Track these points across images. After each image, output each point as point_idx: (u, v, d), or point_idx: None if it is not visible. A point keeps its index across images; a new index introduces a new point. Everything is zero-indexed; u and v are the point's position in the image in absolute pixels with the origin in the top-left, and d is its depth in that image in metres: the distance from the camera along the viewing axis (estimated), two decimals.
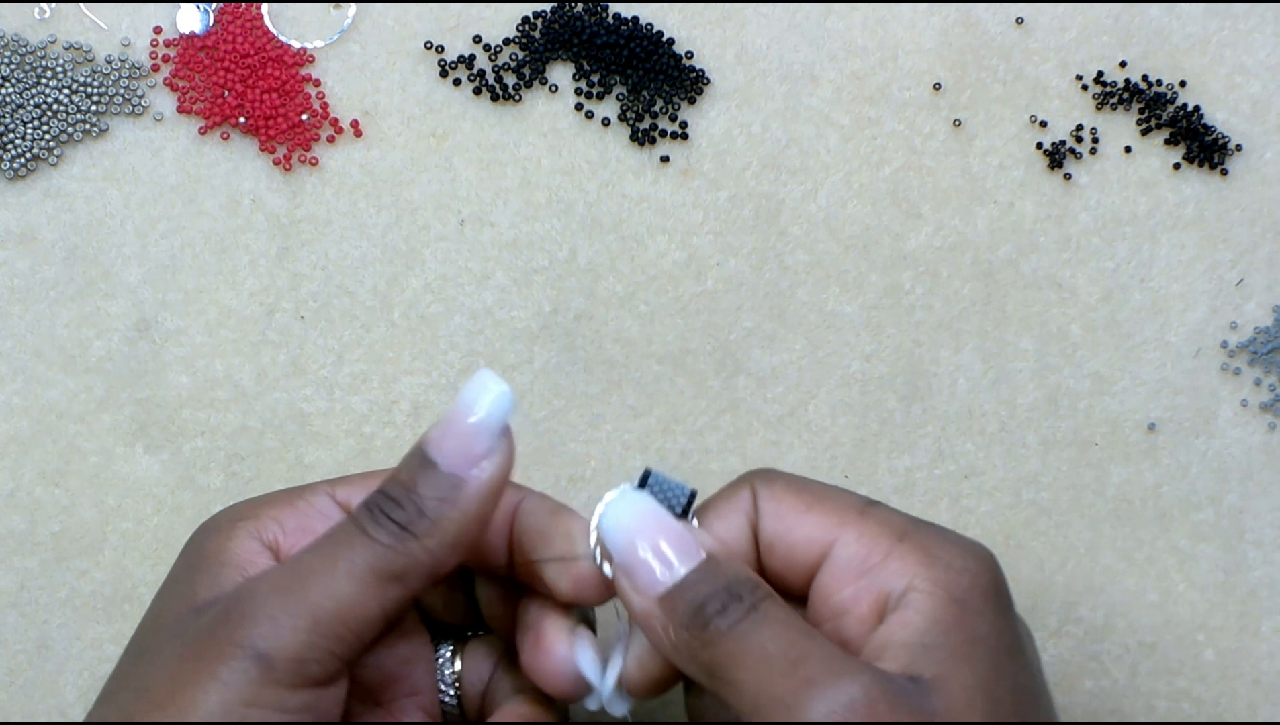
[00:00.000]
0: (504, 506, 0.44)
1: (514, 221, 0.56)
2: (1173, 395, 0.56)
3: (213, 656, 0.39)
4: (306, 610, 0.39)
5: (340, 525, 0.41)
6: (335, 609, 0.40)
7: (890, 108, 0.58)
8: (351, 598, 0.40)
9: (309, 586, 0.40)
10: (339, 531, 0.41)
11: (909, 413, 0.55)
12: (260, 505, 0.44)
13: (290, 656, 0.39)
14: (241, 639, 0.39)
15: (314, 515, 0.44)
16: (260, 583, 0.40)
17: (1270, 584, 0.54)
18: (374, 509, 0.41)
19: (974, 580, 0.41)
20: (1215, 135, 0.57)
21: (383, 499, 0.41)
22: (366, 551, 0.40)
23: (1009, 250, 0.57)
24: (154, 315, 0.55)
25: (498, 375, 0.42)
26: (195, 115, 0.57)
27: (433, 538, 0.41)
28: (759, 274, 0.56)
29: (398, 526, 0.41)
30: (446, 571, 0.42)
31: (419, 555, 0.41)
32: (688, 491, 0.43)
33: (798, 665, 0.39)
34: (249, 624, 0.39)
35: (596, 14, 0.58)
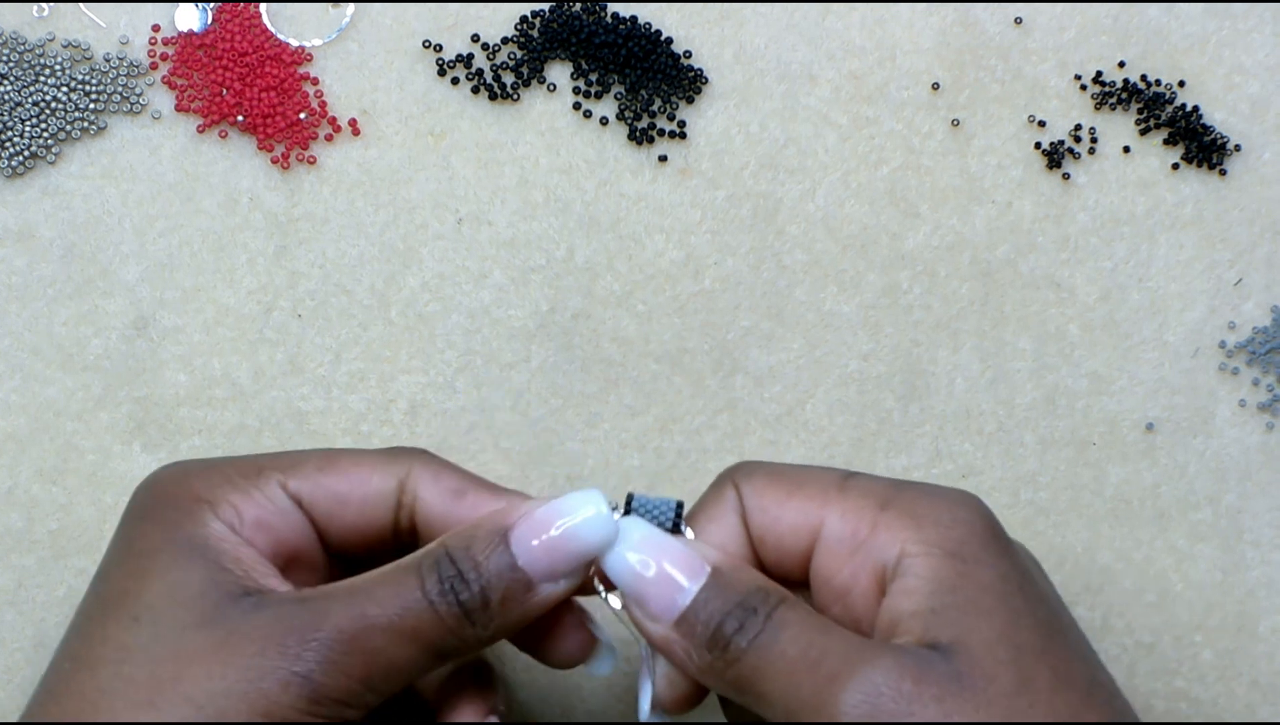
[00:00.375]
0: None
1: (512, 220, 0.56)
2: (1171, 395, 0.56)
3: (262, 669, 0.39)
4: (364, 665, 0.39)
5: (403, 579, 0.40)
6: (387, 669, 0.40)
7: (888, 107, 0.58)
8: (404, 662, 0.40)
9: (373, 641, 0.40)
10: (404, 588, 0.40)
11: (907, 412, 0.55)
12: (214, 484, 0.43)
13: (337, 699, 0.39)
14: (301, 669, 0.39)
15: (271, 511, 0.43)
16: (326, 619, 0.39)
17: (1268, 584, 0.54)
18: (443, 579, 0.40)
19: (967, 530, 0.40)
20: (1214, 135, 0.57)
21: (453, 574, 0.40)
22: (430, 624, 0.40)
23: (1007, 250, 0.57)
24: (152, 313, 0.55)
25: (607, 500, 0.41)
26: (193, 113, 0.57)
27: (488, 630, 0.41)
28: (757, 273, 0.56)
29: (462, 609, 0.40)
30: (470, 655, 0.42)
31: (470, 642, 0.41)
32: (673, 504, 0.43)
33: (819, 664, 0.38)
34: (312, 656, 0.39)
35: (595, 13, 0.58)
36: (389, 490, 0.44)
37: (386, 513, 0.44)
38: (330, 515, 0.44)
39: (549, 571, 0.41)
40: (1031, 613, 0.40)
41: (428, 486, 0.44)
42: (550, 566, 0.41)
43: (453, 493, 0.44)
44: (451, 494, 0.44)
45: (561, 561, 0.41)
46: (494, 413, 0.55)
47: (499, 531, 0.41)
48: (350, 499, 0.44)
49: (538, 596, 0.41)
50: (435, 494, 0.44)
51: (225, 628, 0.39)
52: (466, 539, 0.41)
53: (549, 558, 0.41)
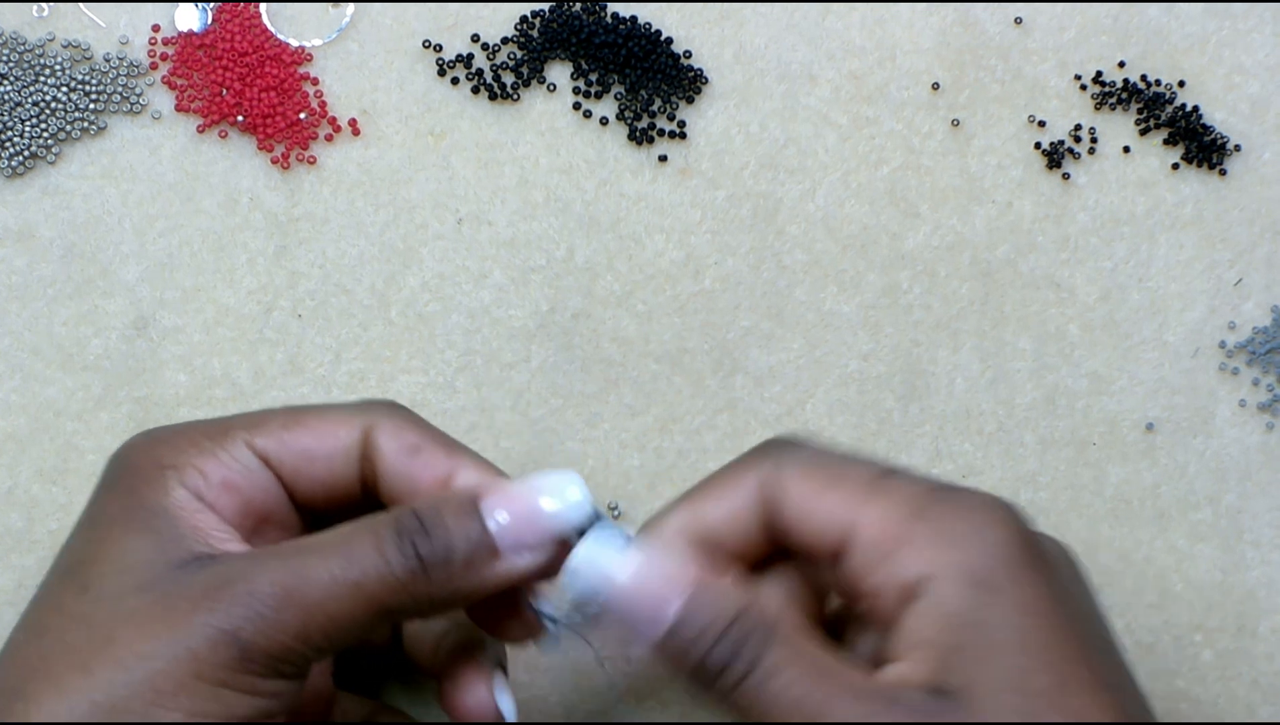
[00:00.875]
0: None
1: (511, 220, 0.56)
2: (1171, 395, 0.56)
3: (190, 629, 0.38)
4: (298, 617, 0.39)
5: (356, 533, 0.40)
6: (325, 625, 0.39)
7: (888, 107, 0.58)
8: (344, 618, 0.39)
9: (308, 594, 0.39)
10: (352, 541, 0.40)
11: (907, 412, 0.55)
12: (180, 449, 0.43)
13: (269, 655, 0.39)
14: (229, 625, 0.38)
15: (237, 469, 0.42)
16: (261, 574, 0.39)
17: (1268, 584, 0.54)
18: (401, 532, 0.40)
19: (995, 553, 0.39)
20: (1214, 135, 0.57)
21: (415, 525, 0.40)
22: (377, 577, 0.39)
23: (1007, 250, 0.57)
24: (152, 313, 0.55)
25: (584, 484, 0.41)
26: (193, 113, 0.57)
27: (443, 589, 0.40)
28: (757, 273, 0.56)
29: (420, 562, 0.40)
30: (421, 619, 0.42)
31: (421, 599, 0.40)
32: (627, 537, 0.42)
33: (821, 712, 0.37)
34: (241, 613, 0.38)
35: (595, 13, 0.58)
36: (354, 443, 0.43)
37: (353, 466, 0.43)
38: (298, 471, 0.43)
39: (516, 543, 0.40)
40: (1055, 647, 0.38)
41: (387, 440, 0.43)
42: (518, 538, 0.40)
43: (409, 449, 0.43)
44: (407, 450, 0.43)
45: (531, 535, 0.40)
46: (494, 413, 0.55)
47: (470, 498, 0.41)
48: (317, 454, 0.43)
49: (502, 566, 0.40)
50: (393, 448, 0.43)
51: (162, 590, 0.39)
52: (435, 502, 0.41)
53: (519, 529, 0.40)
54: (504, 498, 0.41)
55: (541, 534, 0.40)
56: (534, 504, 0.41)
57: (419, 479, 0.43)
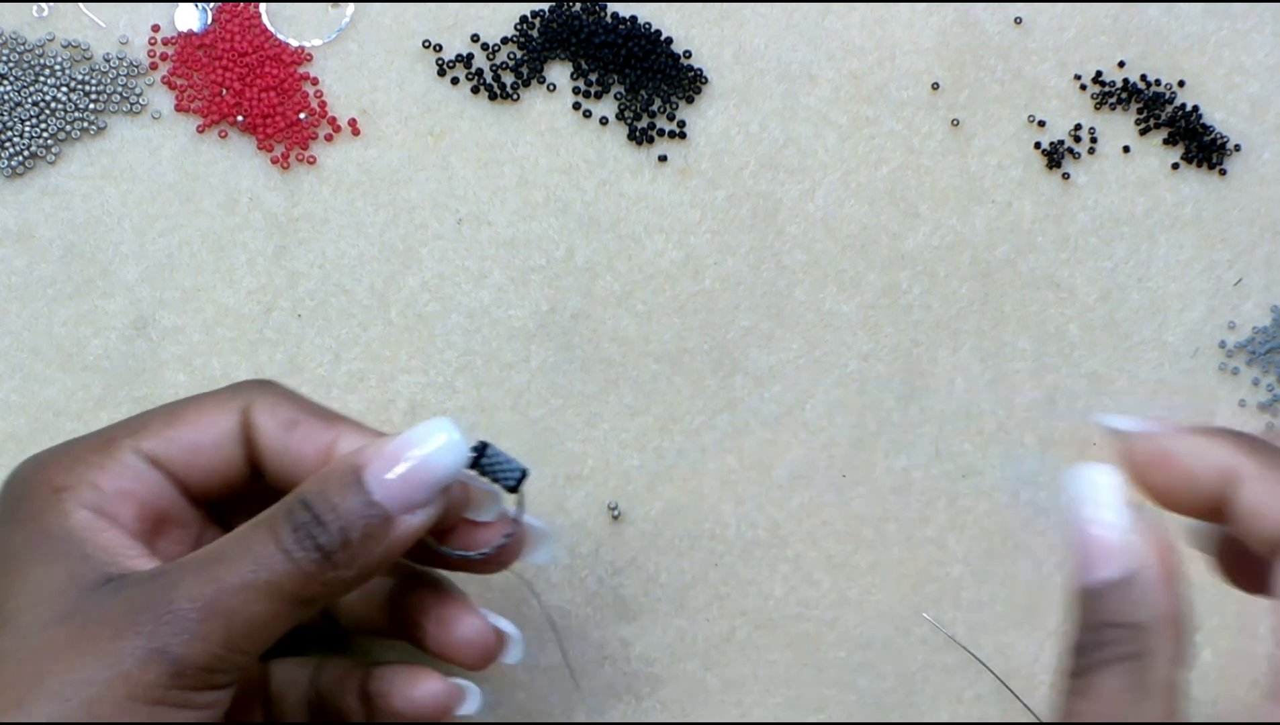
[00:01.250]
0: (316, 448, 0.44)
1: (511, 220, 0.56)
2: (1171, 395, 0.56)
3: (119, 653, 0.39)
4: (222, 626, 0.39)
5: (257, 535, 0.40)
6: (248, 628, 0.40)
7: (888, 107, 0.58)
8: (264, 617, 0.40)
9: (227, 603, 0.39)
10: (256, 543, 0.40)
11: (906, 412, 0.55)
12: (69, 467, 0.43)
13: (202, 666, 0.39)
14: (157, 644, 0.39)
15: (128, 477, 0.43)
16: (177, 591, 0.39)
17: None
18: (298, 527, 0.40)
19: None
20: (1214, 135, 0.57)
21: (307, 517, 0.40)
22: (286, 575, 0.40)
23: (1007, 250, 0.57)
24: (151, 313, 0.55)
25: (456, 426, 0.42)
26: (193, 113, 0.57)
27: (351, 569, 0.41)
28: (756, 273, 0.56)
29: (322, 554, 0.40)
30: (339, 598, 0.42)
31: (334, 584, 0.41)
32: (519, 471, 0.43)
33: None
34: (166, 632, 0.39)
35: (594, 13, 0.58)
36: (234, 427, 0.44)
37: (237, 450, 0.44)
38: (188, 466, 0.44)
39: (406, 503, 0.41)
40: None
41: (264, 418, 0.44)
42: (407, 498, 0.41)
43: (286, 424, 0.43)
44: (285, 425, 0.43)
45: (418, 491, 0.41)
46: (494, 413, 0.55)
47: (353, 470, 0.41)
48: (202, 445, 0.43)
49: (398, 530, 0.41)
50: (270, 426, 0.44)
51: (84, 618, 0.39)
52: (320, 483, 0.41)
53: (405, 489, 0.41)
54: (384, 461, 0.41)
55: (428, 488, 0.41)
56: (415, 460, 0.41)
57: (301, 453, 0.43)
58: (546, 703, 0.52)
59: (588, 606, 0.53)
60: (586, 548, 0.54)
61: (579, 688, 0.52)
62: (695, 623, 0.53)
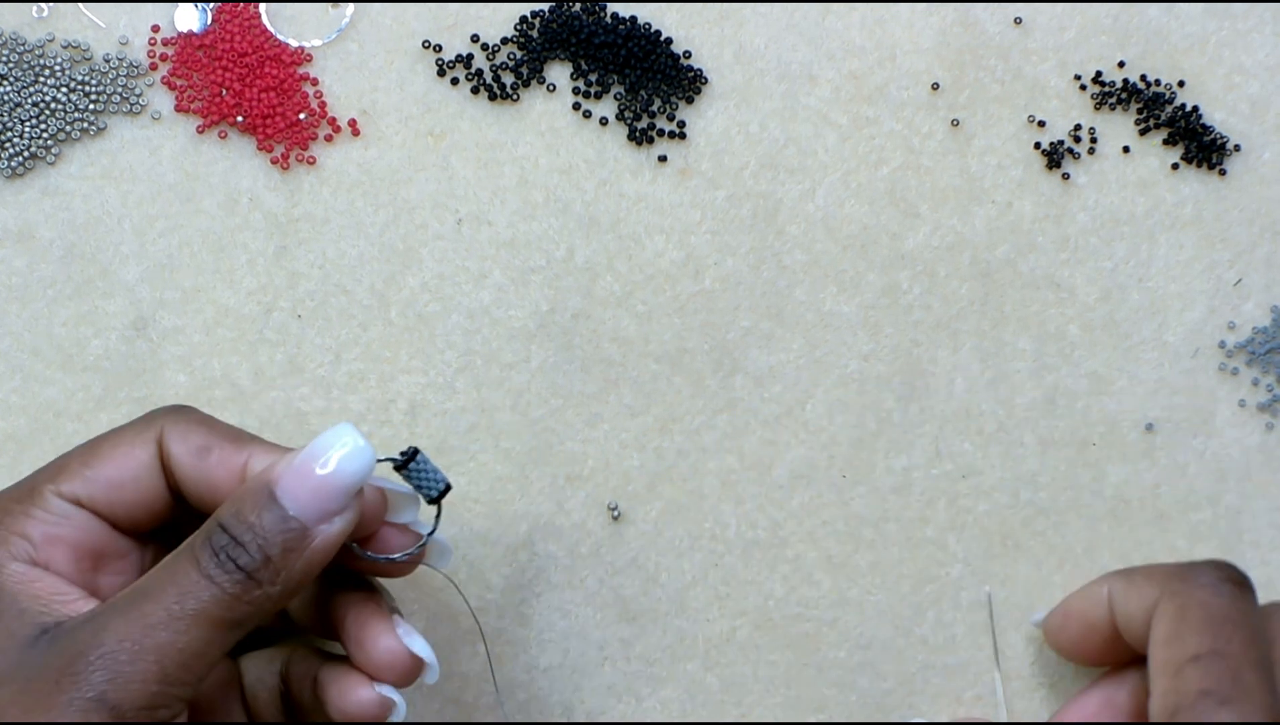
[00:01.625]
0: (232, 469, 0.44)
1: (511, 221, 0.56)
2: (1170, 395, 0.56)
3: (61, 706, 0.39)
4: (155, 662, 0.39)
5: (179, 566, 0.41)
6: (182, 659, 0.40)
7: (888, 107, 0.58)
8: (197, 646, 0.40)
9: (156, 638, 0.40)
10: (179, 573, 0.41)
11: (906, 412, 0.55)
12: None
13: (140, 706, 0.39)
14: (93, 693, 0.39)
15: (54, 522, 0.43)
16: (106, 633, 0.40)
17: (1268, 584, 0.54)
18: (217, 551, 0.41)
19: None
20: (1214, 135, 0.57)
21: (225, 540, 0.41)
22: (212, 600, 0.40)
23: (1007, 250, 0.57)
24: (151, 314, 0.55)
25: (359, 431, 0.42)
26: (193, 114, 0.57)
27: (275, 585, 0.41)
28: (756, 273, 0.56)
29: (244, 574, 0.41)
30: (270, 615, 0.42)
31: (261, 603, 0.41)
32: (444, 482, 0.44)
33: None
34: (101, 678, 0.39)
35: (594, 13, 0.58)
36: (150, 459, 0.44)
37: (158, 481, 0.44)
38: (112, 502, 0.44)
39: (321, 513, 0.41)
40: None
41: (177, 445, 0.44)
42: (321, 508, 0.41)
43: (198, 451, 0.44)
44: (197, 452, 0.44)
45: (330, 500, 0.41)
46: (494, 413, 0.55)
47: (264, 488, 0.41)
48: (122, 481, 0.44)
49: (316, 541, 0.41)
50: (183, 452, 0.44)
51: (24, 676, 0.40)
52: (235, 505, 0.41)
53: (317, 500, 0.41)
54: (295, 476, 0.42)
55: (340, 495, 0.42)
56: (322, 471, 0.42)
57: (214, 478, 0.44)
58: (547, 702, 0.52)
59: (588, 606, 0.53)
60: (587, 548, 0.54)
61: (499, 697, 0.52)
62: (695, 623, 0.53)
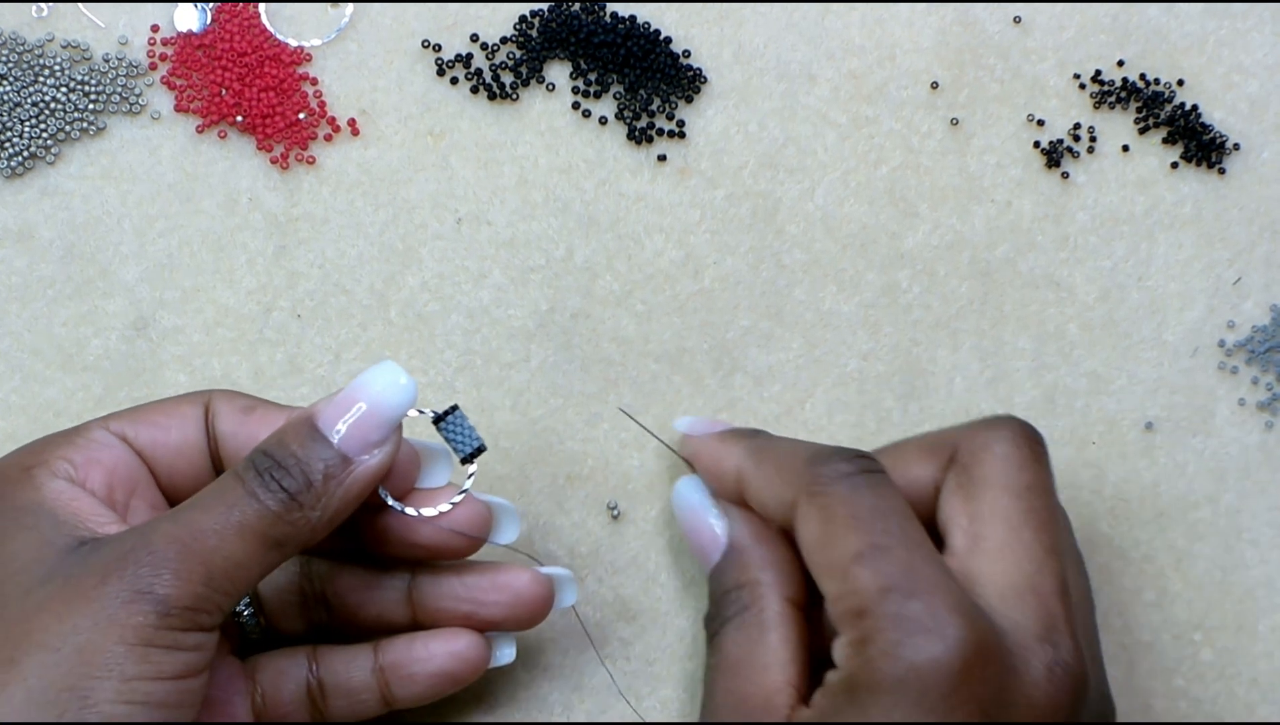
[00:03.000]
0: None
1: (511, 220, 0.56)
2: (1170, 394, 0.56)
3: (106, 597, 0.39)
4: (202, 566, 0.40)
5: (225, 484, 0.42)
6: (226, 567, 0.41)
7: (888, 107, 0.58)
8: (241, 557, 0.41)
9: (205, 543, 0.41)
10: (227, 491, 0.42)
11: (906, 412, 0.55)
12: (38, 452, 0.44)
13: (186, 605, 0.40)
14: (141, 585, 0.40)
15: (97, 448, 0.45)
16: (155, 535, 0.41)
17: (1268, 583, 0.54)
18: (263, 472, 0.42)
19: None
20: (1213, 134, 0.57)
21: (270, 463, 0.42)
22: (256, 515, 0.42)
23: (1006, 249, 0.57)
24: (151, 314, 0.55)
25: (403, 368, 0.44)
26: (193, 114, 0.57)
27: (316, 511, 0.42)
28: (756, 273, 0.56)
29: (287, 494, 0.42)
30: (313, 544, 0.44)
31: (301, 526, 0.42)
32: (476, 443, 0.46)
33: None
34: (148, 573, 0.40)
35: (594, 13, 0.58)
36: (197, 415, 0.46)
37: (201, 438, 0.46)
38: (155, 443, 0.46)
39: (362, 443, 0.43)
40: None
41: (223, 404, 0.46)
42: (362, 438, 0.43)
43: (243, 409, 0.46)
44: (242, 410, 0.46)
45: (372, 431, 0.43)
46: (494, 412, 0.55)
47: (306, 421, 0.43)
48: (169, 426, 0.46)
49: (360, 471, 0.43)
50: (229, 411, 0.46)
51: (65, 574, 0.40)
52: (278, 436, 0.43)
53: (359, 430, 0.43)
54: (336, 409, 0.43)
55: (383, 427, 0.44)
56: (365, 402, 0.43)
57: (256, 436, 0.45)
58: (547, 702, 0.52)
59: (588, 606, 0.53)
60: (586, 547, 0.54)
61: (600, 657, 0.52)
62: (695, 623, 0.53)
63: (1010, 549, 0.43)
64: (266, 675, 0.47)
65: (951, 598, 0.41)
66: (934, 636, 0.40)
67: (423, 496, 0.47)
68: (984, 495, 0.44)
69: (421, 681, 0.47)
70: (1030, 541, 0.43)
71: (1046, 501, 0.44)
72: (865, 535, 0.42)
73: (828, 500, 0.43)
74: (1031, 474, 0.44)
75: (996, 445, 0.44)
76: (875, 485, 0.43)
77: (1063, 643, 0.41)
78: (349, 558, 0.48)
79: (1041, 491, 0.44)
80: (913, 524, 0.43)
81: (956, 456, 0.45)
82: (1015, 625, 0.41)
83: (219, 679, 0.46)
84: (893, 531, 0.42)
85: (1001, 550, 0.43)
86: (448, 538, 0.46)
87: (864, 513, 0.42)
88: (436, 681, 0.47)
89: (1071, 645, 0.41)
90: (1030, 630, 0.41)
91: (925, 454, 0.46)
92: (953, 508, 0.44)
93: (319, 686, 0.47)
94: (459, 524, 0.46)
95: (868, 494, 0.43)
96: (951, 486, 0.45)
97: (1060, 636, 0.41)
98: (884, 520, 0.42)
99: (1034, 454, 0.44)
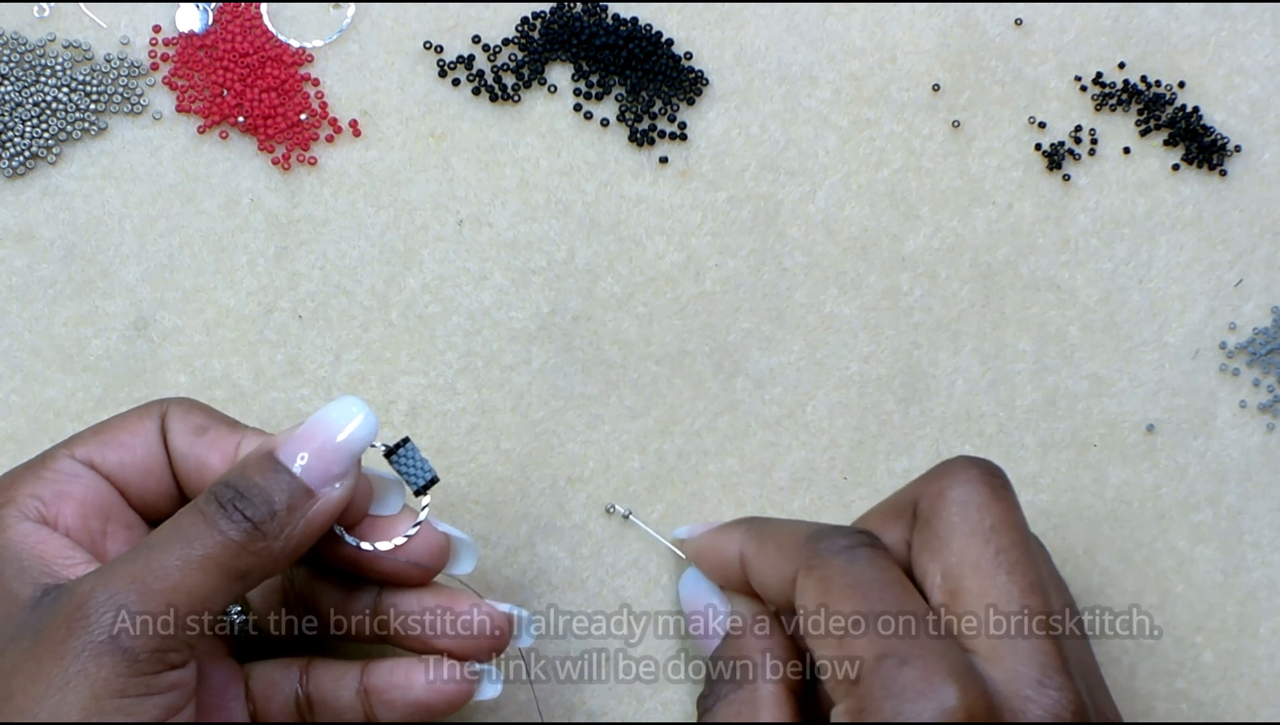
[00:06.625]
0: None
1: (512, 222, 0.56)
2: (1171, 396, 0.56)
3: (73, 653, 0.39)
4: (165, 604, 0.40)
5: (186, 518, 0.42)
6: (190, 603, 0.41)
7: (889, 109, 0.58)
8: (205, 591, 0.41)
9: (165, 580, 0.40)
10: (187, 523, 0.42)
11: (907, 414, 0.55)
12: (6, 489, 0.44)
13: (154, 649, 0.40)
14: (104, 635, 0.39)
15: (66, 480, 0.44)
16: (115, 577, 0.40)
17: (1269, 585, 0.54)
18: (225, 503, 0.42)
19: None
20: (1214, 136, 0.57)
21: (233, 494, 0.42)
22: (219, 548, 0.41)
23: (1007, 252, 0.57)
24: (152, 314, 0.55)
25: (365, 402, 0.44)
26: (194, 114, 0.57)
27: (279, 541, 0.42)
28: (757, 275, 0.56)
29: (251, 524, 0.42)
30: (276, 574, 0.43)
31: (265, 557, 0.42)
32: (429, 475, 0.46)
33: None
34: (109, 618, 0.40)
35: (595, 14, 0.58)
36: (155, 431, 0.46)
37: (163, 455, 0.46)
38: (123, 466, 0.45)
39: (324, 476, 0.43)
40: None
41: (176, 422, 0.46)
42: (324, 471, 0.43)
43: (195, 429, 0.46)
44: (194, 430, 0.46)
45: (334, 463, 0.43)
46: (494, 414, 0.55)
47: (267, 454, 0.43)
48: (134, 445, 0.45)
49: (319, 502, 0.43)
50: (181, 429, 0.46)
51: (33, 630, 0.40)
52: (239, 468, 0.43)
53: (321, 462, 0.43)
54: (297, 442, 0.43)
55: (344, 460, 0.44)
56: (326, 436, 0.43)
57: (207, 459, 0.45)
58: (546, 703, 0.52)
59: (589, 607, 0.53)
60: (588, 549, 0.54)
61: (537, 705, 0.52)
62: None
63: (988, 596, 0.42)
64: (259, 684, 0.47)
65: (946, 661, 0.40)
66: (929, 702, 0.39)
67: (380, 524, 0.46)
68: (950, 546, 0.43)
69: (400, 709, 0.46)
70: (1006, 584, 0.42)
71: (1015, 537, 0.43)
72: (862, 603, 0.42)
73: (826, 572, 0.43)
74: (994, 513, 0.43)
75: (951, 491, 0.43)
76: (873, 558, 0.43)
77: (1058, 683, 0.41)
78: (323, 569, 0.48)
79: (1008, 528, 0.43)
80: (909, 592, 0.42)
81: (918, 511, 0.44)
82: (1010, 675, 0.41)
83: (216, 681, 0.46)
84: (889, 599, 0.42)
85: (980, 599, 0.42)
86: (404, 568, 0.46)
87: (861, 583, 0.42)
88: (414, 711, 0.46)
89: (1067, 684, 0.41)
90: (1025, 677, 0.41)
91: (890, 517, 0.45)
92: (924, 565, 0.43)
93: (307, 701, 0.47)
94: (416, 555, 0.46)
95: (865, 566, 0.43)
96: (919, 544, 0.44)
97: (1054, 677, 0.41)
98: (881, 589, 0.42)
99: (993, 491, 0.43)
